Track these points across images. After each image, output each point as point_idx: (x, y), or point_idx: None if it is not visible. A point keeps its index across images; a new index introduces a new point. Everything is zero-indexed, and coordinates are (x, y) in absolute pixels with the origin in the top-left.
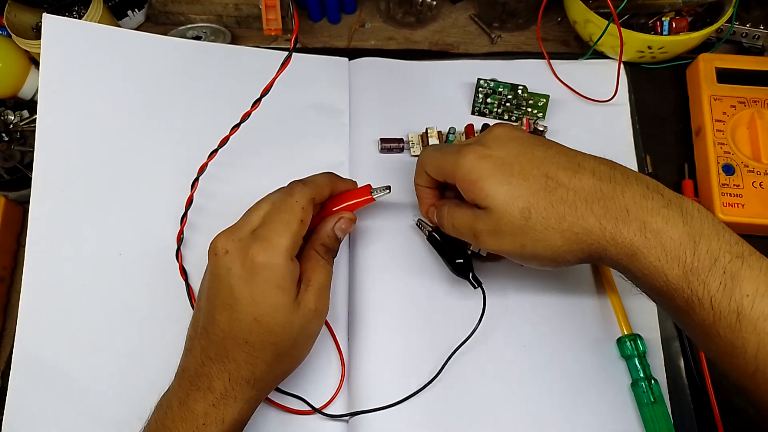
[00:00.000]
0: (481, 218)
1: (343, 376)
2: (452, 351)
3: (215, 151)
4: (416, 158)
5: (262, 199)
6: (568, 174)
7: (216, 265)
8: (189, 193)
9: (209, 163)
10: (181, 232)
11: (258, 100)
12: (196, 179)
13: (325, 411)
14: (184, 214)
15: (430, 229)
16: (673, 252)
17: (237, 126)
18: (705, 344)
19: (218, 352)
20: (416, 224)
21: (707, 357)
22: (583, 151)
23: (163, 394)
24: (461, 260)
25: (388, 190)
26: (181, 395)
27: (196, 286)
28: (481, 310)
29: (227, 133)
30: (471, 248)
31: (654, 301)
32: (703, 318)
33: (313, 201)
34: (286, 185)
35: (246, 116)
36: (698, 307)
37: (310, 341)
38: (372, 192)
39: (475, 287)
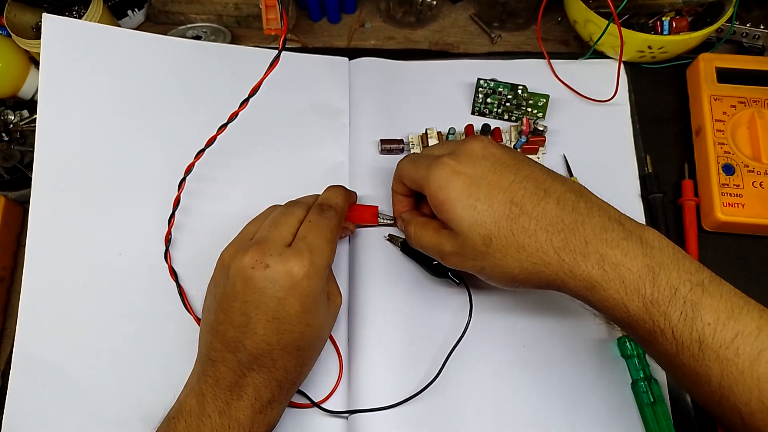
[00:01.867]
0: (447, 240)
1: (341, 371)
2: (450, 350)
3: (202, 151)
4: None
5: (287, 215)
6: (533, 201)
7: (253, 278)
8: (177, 193)
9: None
10: (168, 233)
11: (246, 100)
12: (183, 179)
13: (323, 406)
14: (172, 215)
15: (402, 240)
16: (633, 284)
17: (224, 126)
18: (672, 373)
19: (263, 363)
20: (387, 239)
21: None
22: (555, 173)
23: (185, 400)
24: (437, 261)
25: (393, 221)
26: (221, 405)
27: (188, 286)
28: (469, 306)
29: (214, 133)
30: None
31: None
32: (667, 348)
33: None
34: (297, 202)
35: (233, 116)
36: (661, 337)
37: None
38: (379, 216)
39: (457, 283)
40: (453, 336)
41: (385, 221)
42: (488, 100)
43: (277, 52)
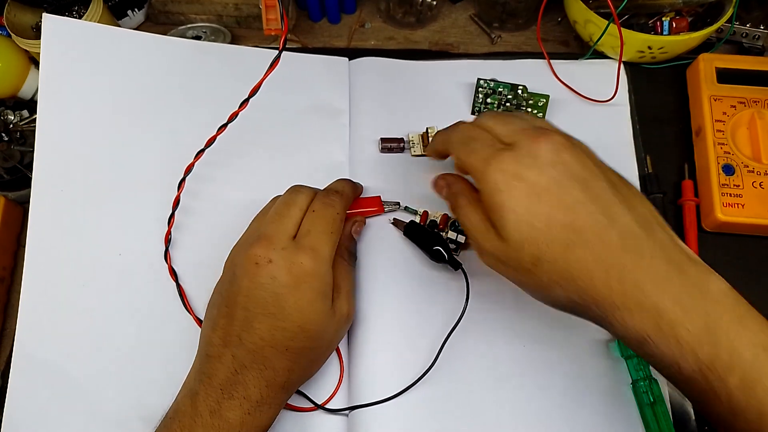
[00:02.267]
0: (491, 239)
1: (342, 372)
2: (446, 336)
3: (202, 151)
4: (417, 158)
5: (289, 205)
6: (595, 230)
7: (257, 274)
8: (177, 193)
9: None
10: (168, 233)
11: (246, 100)
12: (183, 179)
13: (326, 407)
14: (171, 215)
15: (406, 224)
16: (688, 345)
17: (224, 126)
18: (723, 430)
19: (255, 359)
20: (392, 223)
21: None
22: (625, 189)
23: (181, 400)
24: (438, 247)
25: (397, 206)
26: (212, 404)
27: (188, 287)
28: (466, 292)
29: (214, 133)
30: (447, 236)
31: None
32: (720, 411)
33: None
34: (301, 187)
35: (233, 116)
36: (715, 400)
37: (336, 344)
38: (384, 204)
39: (456, 269)
40: (450, 326)
41: (390, 207)
42: (488, 100)
43: (277, 52)
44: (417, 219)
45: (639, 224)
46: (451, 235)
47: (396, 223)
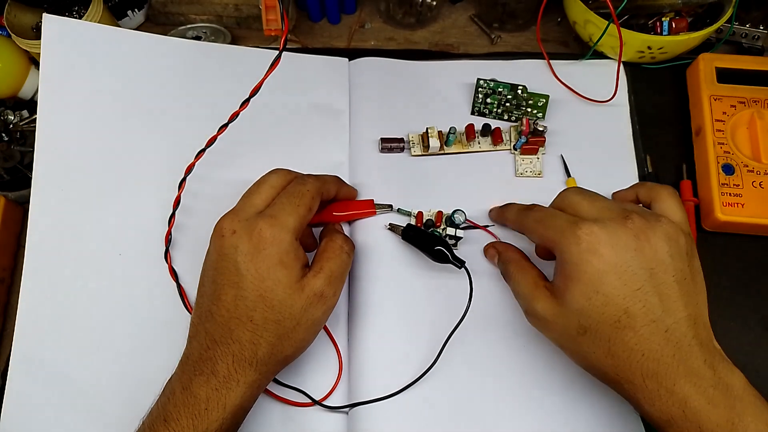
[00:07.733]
0: (543, 301)
1: (340, 369)
2: (448, 334)
3: (202, 151)
4: (417, 158)
5: (260, 183)
6: (646, 320)
7: (222, 246)
8: (178, 193)
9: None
10: (169, 233)
11: (247, 100)
12: (183, 179)
13: (324, 403)
14: (172, 215)
15: (402, 228)
16: None
17: (225, 126)
18: None
19: (223, 333)
20: (388, 228)
21: None
22: (690, 278)
23: (166, 382)
24: (440, 247)
25: (389, 209)
26: (185, 380)
27: (188, 287)
28: (469, 289)
29: (215, 133)
30: (446, 234)
31: None
32: None
33: (321, 195)
34: (280, 169)
35: (234, 116)
36: None
37: (312, 328)
38: (376, 207)
39: (459, 267)
40: (451, 324)
41: (382, 209)
42: (488, 100)
43: (277, 52)
44: (411, 220)
45: (688, 321)
46: (450, 231)
47: (392, 228)
